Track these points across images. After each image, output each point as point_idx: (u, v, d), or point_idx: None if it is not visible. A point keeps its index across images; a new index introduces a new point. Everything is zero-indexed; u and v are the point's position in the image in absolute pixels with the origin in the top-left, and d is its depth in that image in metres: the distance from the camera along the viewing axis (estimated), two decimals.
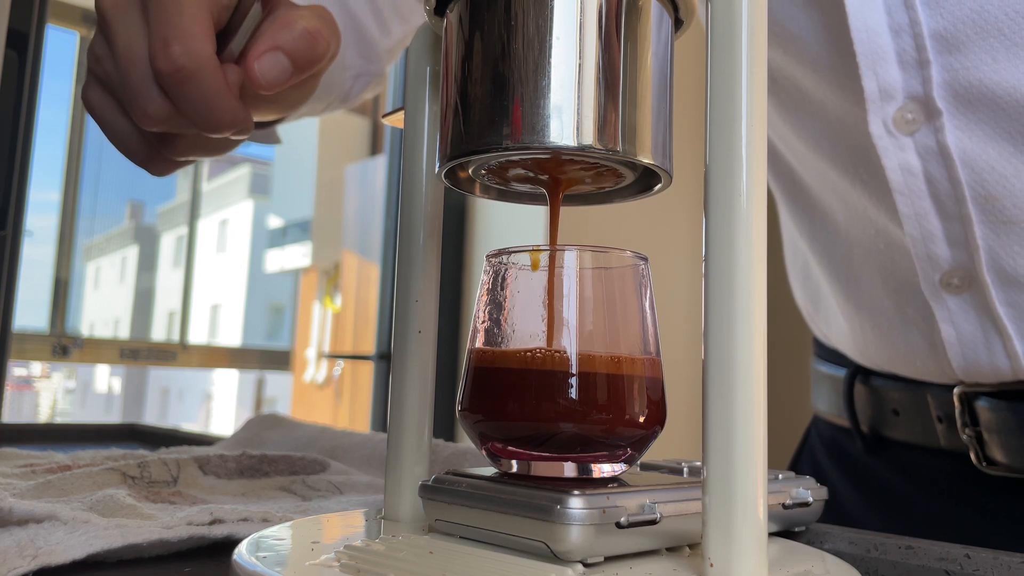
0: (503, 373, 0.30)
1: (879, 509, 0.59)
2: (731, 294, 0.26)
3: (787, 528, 0.35)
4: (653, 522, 0.28)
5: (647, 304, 0.31)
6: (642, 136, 0.28)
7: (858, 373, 0.59)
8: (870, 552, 0.35)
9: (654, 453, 0.34)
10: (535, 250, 0.31)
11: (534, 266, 0.31)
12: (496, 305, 0.31)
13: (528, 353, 0.29)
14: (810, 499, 0.35)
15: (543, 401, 0.29)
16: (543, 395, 0.29)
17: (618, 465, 0.30)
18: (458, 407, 0.31)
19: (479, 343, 0.31)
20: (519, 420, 0.29)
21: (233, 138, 0.40)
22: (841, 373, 0.60)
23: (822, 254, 0.59)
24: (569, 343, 0.29)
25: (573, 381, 0.29)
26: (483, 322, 0.31)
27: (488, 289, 0.32)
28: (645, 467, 0.37)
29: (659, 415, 0.30)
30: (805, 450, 0.69)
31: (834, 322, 0.61)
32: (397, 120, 0.37)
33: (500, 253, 0.31)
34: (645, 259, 0.31)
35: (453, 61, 0.29)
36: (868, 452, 0.59)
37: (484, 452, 0.31)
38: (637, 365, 0.30)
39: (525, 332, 0.30)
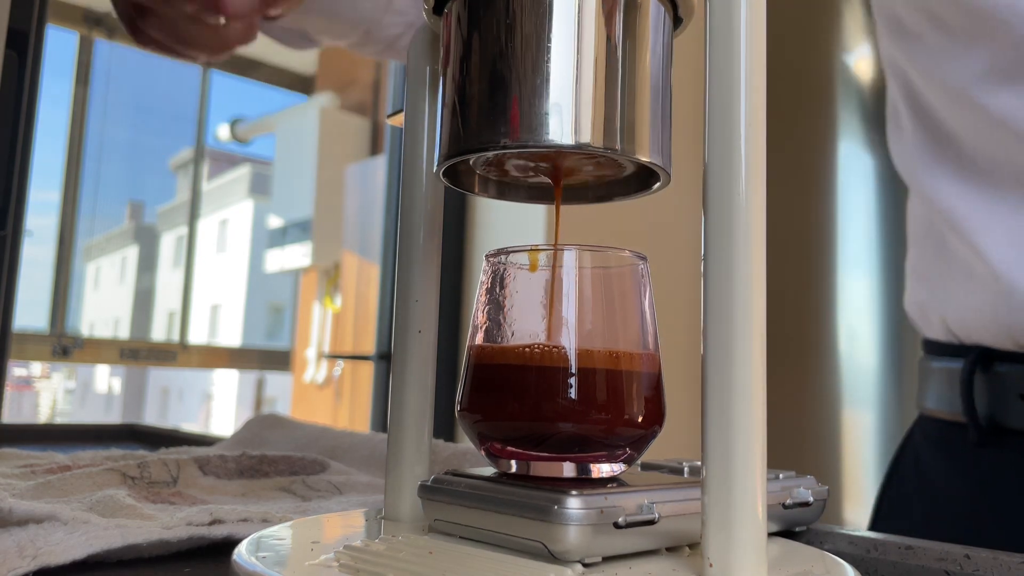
0: (502, 373, 0.30)
1: (989, 503, 0.59)
2: (730, 293, 0.26)
3: (788, 528, 0.35)
4: (651, 522, 0.28)
5: (646, 303, 0.31)
6: (640, 134, 0.28)
7: (979, 361, 0.58)
8: (870, 552, 0.35)
9: (655, 452, 0.34)
10: (534, 250, 0.31)
11: (532, 266, 0.30)
12: (495, 305, 0.31)
13: (527, 353, 0.29)
14: (810, 499, 0.35)
15: (542, 401, 0.29)
16: (542, 395, 0.29)
17: (617, 465, 0.30)
18: (457, 407, 0.31)
19: (478, 343, 0.31)
20: (518, 420, 0.29)
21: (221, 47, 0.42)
22: (958, 365, 0.60)
23: (981, 218, 0.57)
24: (568, 343, 0.29)
25: (572, 381, 0.29)
26: (482, 322, 0.31)
27: (487, 289, 0.31)
28: (646, 467, 0.37)
29: (658, 415, 0.30)
30: (908, 450, 0.68)
31: (967, 301, 0.59)
32: (399, 120, 0.37)
33: (499, 253, 0.31)
34: (644, 258, 0.31)
35: (451, 60, 0.29)
36: (982, 444, 0.59)
37: (483, 452, 0.31)
38: (636, 365, 0.30)
39: (524, 332, 0.30)
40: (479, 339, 0.31)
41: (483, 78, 0.28)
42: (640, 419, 0.30)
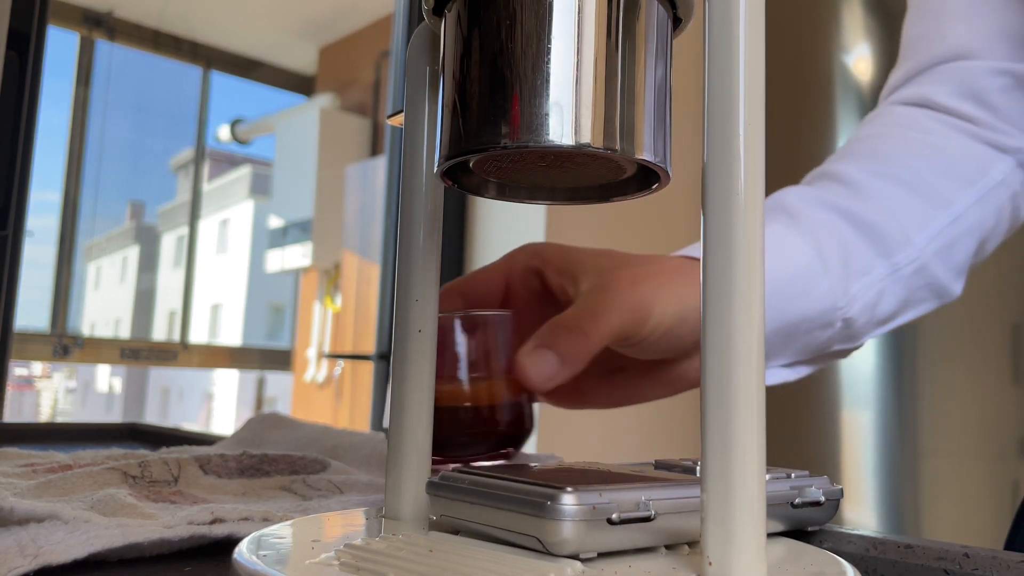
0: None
1: None
2: (730, 292, 0.26)
3: (798, 528, 0.35)
4: (647, 519, 0.28)
5: (505, 350, 0.43)
6: (640, 134, 0.28)
7: None
8: (870, 551, 0.36)
9: (656, 451, 0.34)
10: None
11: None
12: None
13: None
14: (821, 498, 0.34)
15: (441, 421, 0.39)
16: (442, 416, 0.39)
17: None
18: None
19: None
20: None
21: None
22: None
23: None
24: (461, 383, 0.42)
25: (462, 408, 0.42)
26: None
27: None
28: (659, 464, 0.37)
29: (522, 424, 0.43)
30: None
31: None
32: (399, 121, 0.37)
33: None
34: (507, 312, 0.44)
35: (451, 60, 0.29)
36: None
37: None
38: (504, 393, 0.42)
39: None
40: None
41: (483, 78, 0.28)
42: (508, 428, 0.42)
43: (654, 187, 0.31)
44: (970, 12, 0.57)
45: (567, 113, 0.27)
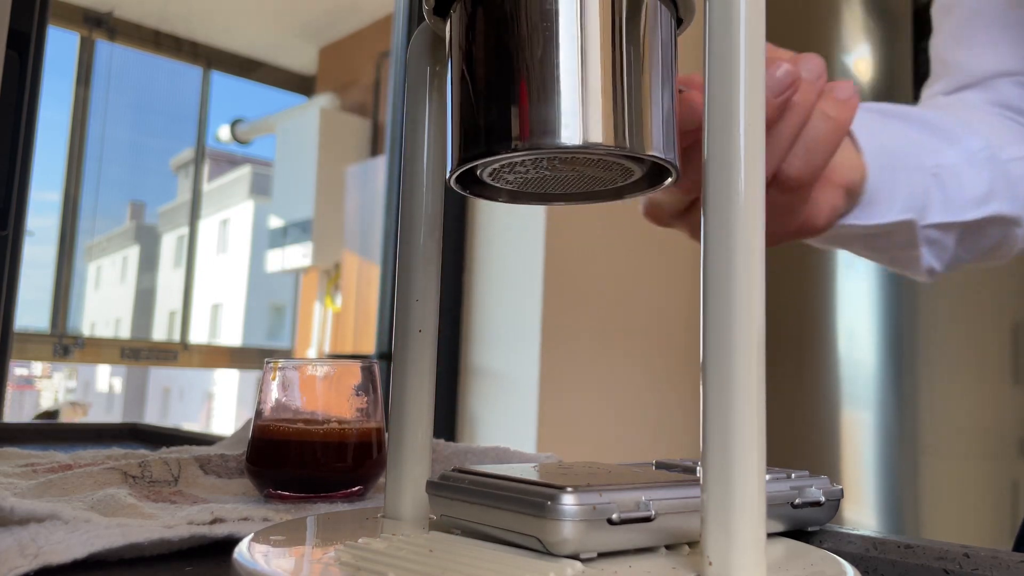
0: (277, 443, 0.45)
1: None
2: (729, 292, 0.26)
3: (799, 528, 0.35)
4: (647, 519, 0.28)
5: (372, 397, 0.48)
6: (649, 131, 0.28)
7: None
8: (870, 551, 0.36)
9: (663, 451, 0.34)
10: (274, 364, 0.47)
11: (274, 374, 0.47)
12: (271, 397, 0.47)
13: (288, 430, 0.45)
14: (822, 499, 0.34)
15: (305, 460, 0.45)
16: (303, 456, 0.45)
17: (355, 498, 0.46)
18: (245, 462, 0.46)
19: (262, 420, 0.46)
20: (290, 471, 0.45)
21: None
22: None
23: None
24: (314, 424, 0.46)
25: (318, 447, 0.45)
26: (263, 406, 0.47)
27: (263, 387, 0.47)
28: (660, 465, 0.37)
29: (371, 466, 0.46)
30: None
31: None
32: None
33: (279, 359, 0.47)
34: (373, 363, 0.48)
35: (456, 63, 0.29)
36: None
37: (264, 496, 0.45)
38: (355, 436, 0.46)
39: (287, 415, 0.46)
40: (263, 419, 0.46)
41: (490, 84, 0.28)
42: (358, 469, 0.46)
43: (666, 182, 0.31)
44: (997, 39, 0.60)
45: (575, 115, 0.27)
